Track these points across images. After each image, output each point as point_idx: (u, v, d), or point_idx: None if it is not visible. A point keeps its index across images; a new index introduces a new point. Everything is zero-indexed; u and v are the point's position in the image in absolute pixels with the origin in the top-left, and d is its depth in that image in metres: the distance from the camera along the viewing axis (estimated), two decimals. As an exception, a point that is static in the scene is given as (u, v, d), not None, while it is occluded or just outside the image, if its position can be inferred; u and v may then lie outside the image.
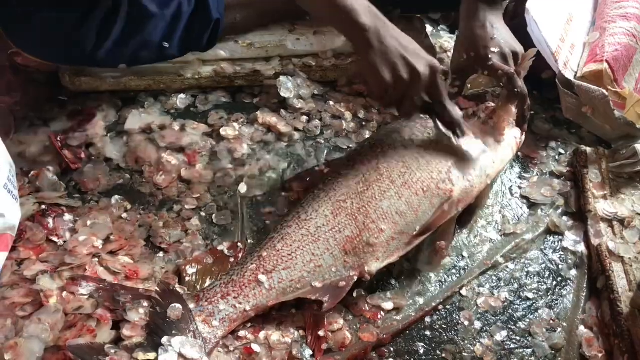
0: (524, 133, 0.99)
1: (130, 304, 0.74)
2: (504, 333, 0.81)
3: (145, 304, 0.73)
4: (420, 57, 0.83)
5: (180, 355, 0.68)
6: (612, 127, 1.04)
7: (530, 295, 0.86)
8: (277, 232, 0.81)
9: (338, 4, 0.82)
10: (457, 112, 0.88)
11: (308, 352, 0.76)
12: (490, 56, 0.94)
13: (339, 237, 0.80)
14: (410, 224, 0.82)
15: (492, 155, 0.91)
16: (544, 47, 1.05)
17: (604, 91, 1.02)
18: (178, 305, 0.72)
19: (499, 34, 0.96)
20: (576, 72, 1.10)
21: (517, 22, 1.09)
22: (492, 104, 0.97)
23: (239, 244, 0.87)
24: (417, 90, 0.85)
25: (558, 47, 1.08)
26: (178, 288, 0.79)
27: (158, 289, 0.75)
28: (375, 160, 0.86)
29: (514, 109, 0.96)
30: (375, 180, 0.84)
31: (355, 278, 0.79)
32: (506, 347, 0.80)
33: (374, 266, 0.80)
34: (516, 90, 0.94)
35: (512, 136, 0.95)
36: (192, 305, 0.74)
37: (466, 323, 0.82)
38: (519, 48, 0.97)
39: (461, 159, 0.88)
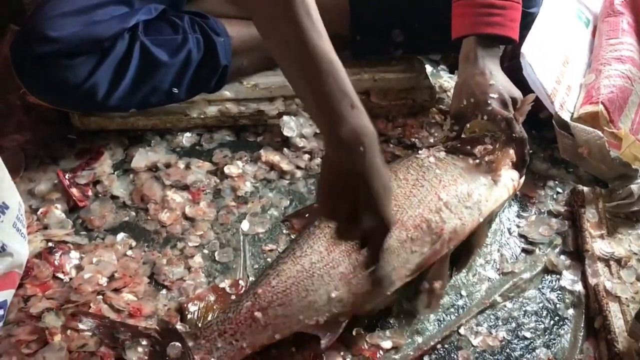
0: (523, 176, 1.01)
1: (130, 341, 0.75)
2: (502, 373, 0.82)
3: (144, 342, 0.75)
4: (374, 213, 0.69)
5: (180, 393, 0.70)
6: (608, 167, 1.06)
7: (528, 335, 0.87)
8: (273, 269, 0.83)
9: (330, 102, 0.67)
10: (384, 270, 0.79)
11: (308, 391, 0.77)
12: (489, 102, 0.96)
13: (333, 272, 0.81)
14: (404, 261, 0.84)
15: (486, 194, 0.93)
16: (540, 89, 1.08)
17: (600, 132, 1.04)
18: (177, 344, 0.73)
19: (497, 80, 0.99)
20: (572, 113, 1.13)
21: (516, 63, 1.12)
22: (490, 146, 0.99)
23: (240, 281, 0.89)
24: (353, 233, 0.74)
25: (554, 88, 1.11)
26: (180, 325, 0.81)
27: (158, 327, 0.76)
28: None
29: (512, 152, 0.98)
30: None
31: (351, 313, 0.80)
32: (504, 387, 0.80)
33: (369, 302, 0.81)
34: (514, 135, 0.96)
35: (509, 177, 0.97)
36: (190, 343, 0.75)
37: (464, 362, 0.82)
38: (517, 93, 1.00)
39: (453, 197, 0.90)
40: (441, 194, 0.89)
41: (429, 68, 1.31)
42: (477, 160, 0.97)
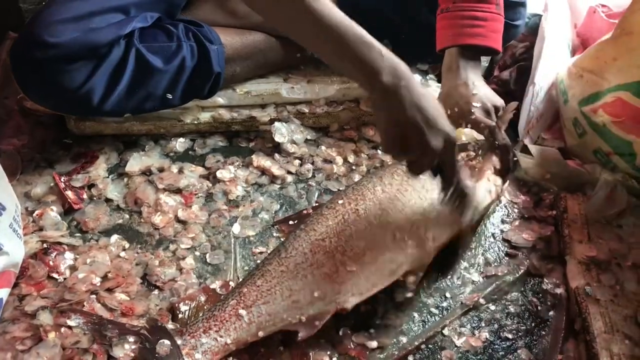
0: (507, 182, 1.04)
1: (117, 338, 0.77)
2: (484, 372, 0.84)
3: (132, 339, 0.77)
4: (438, 131, 0.79)
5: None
6: (569, 176, 1.12)
7: (510, 336, 0.89)
8: (258, 270, 0.85)
9: (362, 59, 0.76)
10: (467, 186, 0.88)
11: (294, 389, 0.79)
12: (472, 110, 0.99)
13: (317, 273, 0.84)
14: (386, 261, 0.86)
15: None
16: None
17: (554, 149, 1.10)
18: (166, 341, 0.75)
19: (480, 90, 1.02)
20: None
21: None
22: (473, 153, 1.02)
23: (230, 283, 0.91)
24: (428, 160, 0.83)
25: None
26: (171, 325, 0.83)
27: (147, 325, 0.78)
28: (355, 202, 0.91)
29: (495, 159, 1.01)
30: (353, 220, 0.89)
31: (333, 312, 0.82)
32: (485, 386, 0.83)
33: (350, 301, 0.83)
34: (497, 142, 0.99)
35: (492, 183, 1.00)
36: (178, 341, 0.77)
37: (447, 362, 0.84)
38: (500, 102, 1.03)
39: (436, 200, 0.92)
40: (424, 199, 0.92)
41: (417, 77, 1.33)
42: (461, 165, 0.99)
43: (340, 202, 0.92)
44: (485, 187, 0.98)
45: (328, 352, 0.83)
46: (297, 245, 0.87)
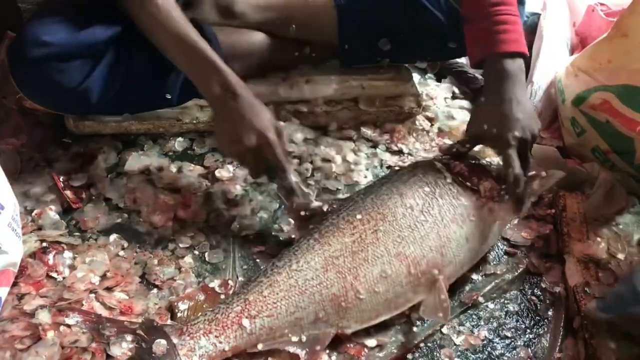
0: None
1: (115, 337, 0.77)
2: (483, 370, 0.84)
3: (129, 338, 0.77)
4: (252, 130, 0.91)
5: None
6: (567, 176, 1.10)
7: (509, 334, 0.89)
8: (267, 277, 0.83)
9: (198, 72, 0.93)
10: (291, 178, 0.95)
11: (293, 387, 0.79)
12: (512, 142, 0.92)
13: (325, 293, 0.82)
14: (396, 295, 0.85)
15: (482, 240, 0.94)
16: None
17: (553, 147, 1.11)
18: (163, 341, 0.75)
19: (523, 113, 0.94)
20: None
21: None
22: (497, 185, 0.95)
23: (229, 282, 0.91)
24: (251, 159, 0.94)
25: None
26: (170, 323, 0.83)
27: (142, 326, 0.78)
28: (374, 221, 0.88)
29: (509, 201, 0.95)
30: (370, 243, 0.85)
31: (333, 335, 0.82)
32: (484, 384, 0.83)
33: (352, 327, 0.83)
34: (518, 192, 0.93)
35: (504, 225, 0.98)
36: (175, 340, 0.76)
37: (446, 360, 0.85)
38: (538, 131, 0.96)
39: (455, 240, 0.90)
40: (442, 236, 0.89)
41: (416, 76, 1.34)
42: (481, 202, 0.94)
43: (358, 217, 0.88)
44: (498, 229, 0.97)
45: (327, 351, 0.83)
46: (309, 258, 0.84)
